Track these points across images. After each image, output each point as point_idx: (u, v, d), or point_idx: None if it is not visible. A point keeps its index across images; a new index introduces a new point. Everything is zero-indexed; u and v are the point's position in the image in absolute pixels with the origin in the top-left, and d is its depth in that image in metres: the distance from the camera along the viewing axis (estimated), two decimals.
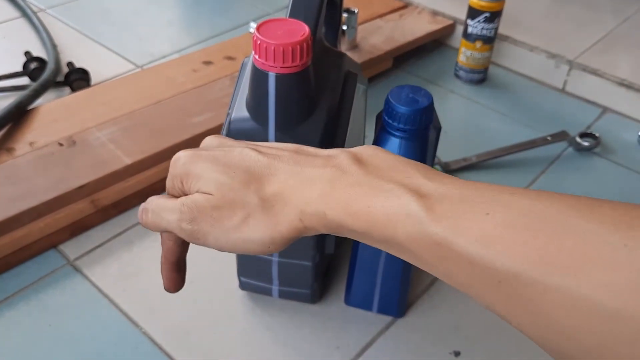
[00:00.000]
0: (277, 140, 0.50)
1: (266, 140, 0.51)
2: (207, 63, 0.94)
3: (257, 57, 0.47)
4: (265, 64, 0.47)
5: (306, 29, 0.48)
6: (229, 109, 0.54)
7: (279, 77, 0.47)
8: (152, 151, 0.76)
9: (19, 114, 0.80)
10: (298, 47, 0.47)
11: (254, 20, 1.17)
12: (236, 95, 0.54)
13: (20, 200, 0.67)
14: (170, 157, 0.77)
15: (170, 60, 0.97)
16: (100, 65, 1.02)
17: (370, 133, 0.65)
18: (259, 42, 0.47)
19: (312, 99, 0.51)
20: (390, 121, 0.52)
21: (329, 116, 0.51)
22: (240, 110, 0.52)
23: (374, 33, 1.04)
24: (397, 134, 0.52)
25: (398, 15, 1.11)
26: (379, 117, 0.57)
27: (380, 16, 1.10)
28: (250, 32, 1.03)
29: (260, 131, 0.50)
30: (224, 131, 0.53)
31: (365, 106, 0.66)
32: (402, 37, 1.04)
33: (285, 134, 0.50)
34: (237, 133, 0.51)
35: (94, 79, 0.97)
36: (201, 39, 1.13)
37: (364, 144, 0.72)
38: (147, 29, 1.15)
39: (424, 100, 0.52)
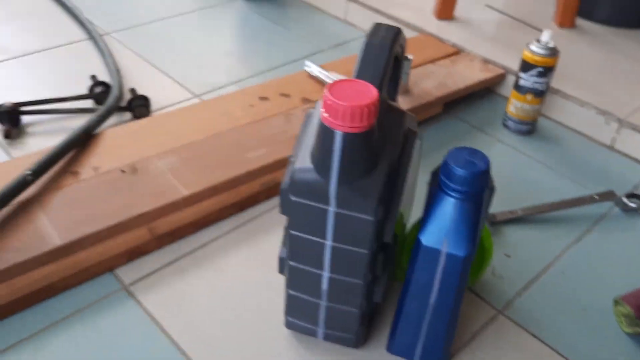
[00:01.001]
0: (338, 193, 0.53)
1: (327, 193, 0.53)
2: (263, 99, 0.97)
3: (326, 115, 0.50)
4: (334, 123, 0.50)
5: (374, 93, 0.50)
6: (292, 156, 0.57)
7: (345, 136, 0.50)
8: (208, 184, 0.79)
9: (86, 138, 0.84)
10: (366, 109, 0.49)
11: (308, 57, 1.20)
12: (300, 145, 0.57)
13: (84, 224, 0.71)
14: (226, 190, 0.81)
15: (228, 93, 1.00)
16: (159, 91, 1.06)
17: (419, 182, 0.67)
18: (329, 102, 0.49)
19: (374, 156, 0.53)
20: (447, 182, 0.54)
21: (389, 172, 0.54)
22: (304, 161, 0.54)
23: (426, 78, 1.06)
24: (453, 194, 0.54)
25: (450, 61, 1.13)
26: (434, 175, 0.59)
27: (433, 61, 1.12)
28: (305, 70, 1.06)
29: (323, 183, 0.53)
30: (287, 179, 0.56)
31: (420, 159, 0.68)
32: (454, 83, 1.06)
33: (347, 187, 0.52)
34: (299, 183, 0.54)
35: (153, 104, 1.02)
36: (257, 71, 1.17)
37: (415, 195, 0.74)
38: (206, 58, 1.19)
39: (481, 164, 0.54)
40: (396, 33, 0.60)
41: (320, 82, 1.03)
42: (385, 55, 0.57)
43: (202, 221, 0.80)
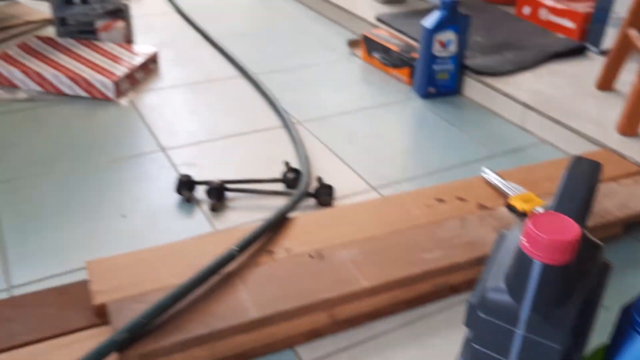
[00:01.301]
0: (530, 319, 0.55)
1: (517, 316, 0.56)
2: (440, 200, 1.02)
3: (527, 245, 0.54)
4: (534, 253, 0.53)
5: (576, 229, 0.53)
6: (484, 273, 0.60)
7: (544, 267, 0.53)
8: (385, 279, 0.84)
9: (281, 221, 0.95)
10: (568, 245, 0.52)
11: (482, 160, 1.24)
12: (492, 263, 0.61)
13: (277, 301, 0.79)
14: (401, 287, 0.85)
15: (406, 192, 1.07)
16: (340, 180, 1.16)
17: None
18: (531, 233, 0.53)
19: (570, 287, 0.55)
20: None
21: (583, 305, 0.55)
22: (497, 281, 0.58)
23: (607, 196, 1.05)
24: None
25: (633, 181, 1.11)
26: (626, 311, 0.59)
27: (614, 179, 1.11)
28: (482, 176, 1.10)
29: (515, 307, 0.56)
30: (477, 295, 0.59)
31: None
32: (637, 205, 1.03)
33: (540, 315, 0.55)
34: (491, 302, 0.57)
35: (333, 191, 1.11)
36: (431, 170, 1.23)
37: None
38: (384, 152, 1.28)
39: None
40: (595, 169, 0.63)
41: (497, 190, 1.06)
42: (586, 191, 0.60)
43: (375, 313, 0.85)
